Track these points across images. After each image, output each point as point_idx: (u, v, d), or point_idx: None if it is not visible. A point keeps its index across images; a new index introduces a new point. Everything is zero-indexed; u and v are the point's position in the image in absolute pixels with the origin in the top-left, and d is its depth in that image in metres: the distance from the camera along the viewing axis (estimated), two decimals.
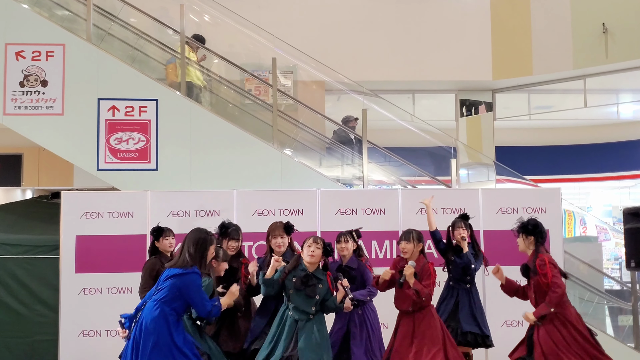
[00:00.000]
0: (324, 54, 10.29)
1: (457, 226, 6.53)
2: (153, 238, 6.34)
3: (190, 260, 4.98)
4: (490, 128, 12.66)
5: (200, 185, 8.06)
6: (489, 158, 10.74)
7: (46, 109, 8.14)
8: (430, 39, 11.95)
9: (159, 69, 9.32)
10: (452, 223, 6.60)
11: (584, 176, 14.79)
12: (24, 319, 7.72)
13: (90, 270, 7.27)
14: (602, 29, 11.51)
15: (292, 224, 6.06)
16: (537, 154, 14.52)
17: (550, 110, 13.47)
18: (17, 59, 8.14)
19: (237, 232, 6.22)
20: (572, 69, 11.87)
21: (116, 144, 8.13)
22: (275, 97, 8.95)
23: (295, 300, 5.34)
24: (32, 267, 7.79)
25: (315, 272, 5.39)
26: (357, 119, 9.78)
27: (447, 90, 12.82)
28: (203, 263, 5.07)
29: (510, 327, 7.46)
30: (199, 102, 8.78)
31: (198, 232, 5.13)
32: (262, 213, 7.36)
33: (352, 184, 9.18)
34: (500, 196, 7.81)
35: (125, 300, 7.24)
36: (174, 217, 7.38)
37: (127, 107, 8.18)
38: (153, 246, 6.33)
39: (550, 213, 7.66)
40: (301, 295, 5.34)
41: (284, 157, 8.45)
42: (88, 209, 7.38)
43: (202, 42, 9.21)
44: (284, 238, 6.00)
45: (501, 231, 7.58)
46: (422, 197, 7.01)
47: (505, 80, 12.29)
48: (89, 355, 7.13)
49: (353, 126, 9.87)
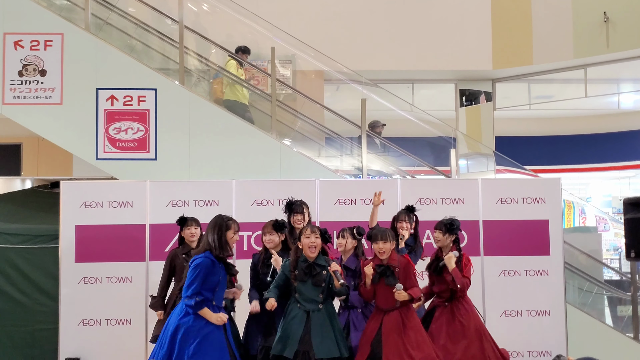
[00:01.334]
0: (323, 43, 10.26)
1: (400, 219, 6.31)
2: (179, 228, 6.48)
3: (207, 245, 5.19)
4: (490, 118, 12.64)
5: (199, 175, 8.06)
6: (488, 148, 10.72)
7: (45, 98, 8.13)
8: (430, 28, 11.90)
9: (157, 58, 9.30)
10: (397, 215, 6.37)
11: (584, 166, 14.79)
12: (24, 308, 7.73)
13: (90, 260, 7.28)
14: (603, 18, 11.47)
15: (282, 222, 6.03)
16: (537, 144, 14.51)
17: (550, 100, 13.45)
18: (16, 49, 8.12)
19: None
20: (572, 59, 11.84)
21: (115, 133, 8.12)
22: (274, 87, 8.92)
23: (302, 291, 5.35)
24: (32, 257, 7.80)
25: (317, 260, 5.39)
26: (385, 125, 9.77)
27: (447, 80, 12.79)
28: (222, 246, 5.21)
29: (508, 317, 7.47)
30: (250, 122, 8.74)
31: (216, 218, 5.33)
32: (261, 203, 7.36)
33: (355, 174, 9.19)
34: (499, 186, 7.80)
35: (125, 289, 7.27)
36: (173, 207, 7.38)
37: (126, 96, 8.16)
38: (180, 236, 6.45)
39: (550, 203, 7.65)
40: (307, 285, 5.34)
41: (283, 147, 8.45)
42: (87, 198, 7.38)
43: (247, 54, 8.91)
44: (272, 235, 5.98)
45: (500, 221, 7.59)
46: (422, 188, 6.99)
47: (506, 69, 12.25)
48: (89, 344, 7.15)
49: (379, 132, 9.81)
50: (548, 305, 7.49)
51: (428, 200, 7.61)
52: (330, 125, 9.88)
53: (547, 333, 7.45)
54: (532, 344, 7.42)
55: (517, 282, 7.50)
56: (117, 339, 7.20)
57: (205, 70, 9.63)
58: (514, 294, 7.45)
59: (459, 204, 7.59)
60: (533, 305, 7.48)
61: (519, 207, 7.63)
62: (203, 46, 9.61)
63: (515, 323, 7.47)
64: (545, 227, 7.61)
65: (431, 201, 7.60)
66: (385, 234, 5.46)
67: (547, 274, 7.54)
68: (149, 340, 6.79)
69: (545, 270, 7.54)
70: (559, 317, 7.47)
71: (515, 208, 7.63)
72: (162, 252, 7.25)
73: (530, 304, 7.48)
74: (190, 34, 9.30)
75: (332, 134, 9.71)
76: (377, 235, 5.45)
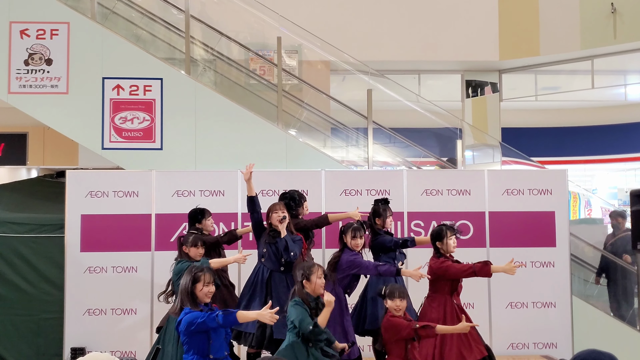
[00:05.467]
0: (330, 33, 10.21)
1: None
2: (190, 220, 6.52)
3: (180, 300, 4.90)
4: (496, 109, 12.59)
5: (204, 165, 8.06)
6: (494, 139, 10.69)
7: (51, 87, 8.11)
8: (436, 19, 11.85)
9: (163, 47, 9.27)
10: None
11: (590, 158, 14.74)
12: (30, 297, 7.75)
13: (95, 249, 7.30)
14: (610, 9, 11.39)
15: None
16: (543, 136, 14.45)
17: (557, 91, 13.39)
18: (22, 37, 8.10)
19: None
20: (579, 50, 11.78)
21: (121, 123, 8.11)
22: (280, 77, 8.89)
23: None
24: (38, 246, 7.81)
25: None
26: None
27: (453, 71, 12.73)
28: (194, 301, 4.83)
29: (514, 309, 7.47)
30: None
31: (188, 269, 4.95)
32: (267, 193, 7.36)
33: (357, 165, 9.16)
34: (506, 177, 7.78)
35: (130, 279, 7.29)
36: (178, 197, 7.39)
37: (132, 86, 8.14)
38: (193, 226, 6.47)
39: (557, 194, 7.63)
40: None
41: (289, 137, 8.43)
42: (93, 188, 7.39)
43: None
44: (284, 211, 6.09)
45: (506, 212, 7.57)
46: (428, 179, 6.96)
47: (512, 60, 12.20)
48: (94, 333, 7.18)
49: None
50: (554, 297, 7.48)
51: (434, 191, 7.59)
52: (336, 115, 9.85)
53: (552, 325, 7.45)
54: (538, 336, 7.43)
55: (523, 273, 7.46)
56: (122, 329, 7.23)
57: (211, 60, 9.59)
58: (519, 285, 7.43)
59: (465, 195, 7.58)
60: (539, 297, 7.48)
61: (525, 198, 7.61)
62: (209, 35, 9.57)
63: (520, 315, 7.46)
64: (551, 218, 7.59)
65: (437, 192, 7.59)
66: (403, 292, 5.29)
67: (553, 265, 7.53)
68: (155, 331, 6.79)
69: (551, 262, 7.53)
70: (565, 308, 7.47)
71: (521, 199, 7.61)
72: (168, 242, 7.26)
73: (536, 295, 7.48)
74: (196, 23, 9.27)
75: (338, 124, 9.69)
76: (395, 293, 5.22)
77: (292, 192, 6.50)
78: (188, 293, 4.71)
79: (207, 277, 4.77)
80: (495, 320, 7.41)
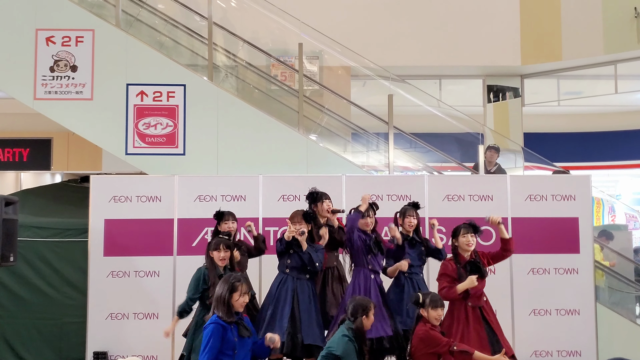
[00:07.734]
0: (350, 38, 10.21)
1: (408, 214, 6.32)
2: (216, 222, 6.46)
3: (214, 307, 4.95)
4: (518, 114, 12.50)
5: (226, 170, 8.09)
6: (517, 144, 10.61)
7: (76, 93, 8.21)
8: (457, 23, 11.80)
9: (186, 54, 9.35)
10: (404, 210, 6.38)
11: (614, 163, 14.57)
12: (53, 301, 7.83)
13: (118, 254, 7.35)
14: (634, 14, 11.28)
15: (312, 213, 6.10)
16: (566, 141, 14.32)
17: (580, 96, 13.26)
18: (48, 45, 8.21)
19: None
20: (602, 54, 11.66)
21: (144, 128, 8.18)
22: (301, 83, 8.92)
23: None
24: (61, 250, 7.90)
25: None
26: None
27: (475, 76, 12.66)
28: (229, 310, 4.87)
29: (537, 316, 7.40)
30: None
31: (225, 278, 4.97)
32: (288, 198, 7.38)
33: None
34: (529, 183, 7.72)
35: (153, 283, 7.34)
36: (200, 202, 7.43)
37: (155, 92, 8.21)
38: (216, 230, 6.43)
39: (580, 200, 7.56)
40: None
41: (310, 142, 8.44)
42: (116, 193, 7.46)
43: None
44: (302, 225, 5.98)
45: (529, 218, 7.51)
46: (450, 184, 6.90)
47: (534, 65, 12.10)
48: (116, 337, 7.23)
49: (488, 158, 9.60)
50: (578, 304, 7.41)
51: (455, 196, 7.56)
52: (356, 120, 9.85)
53: (576, 332, 7.36)
54: (562, 344, 7.35)
55: (547, 280, 7.42)
56: (144, 333, 7.27)
57: (233, 66, 9.65)
58: (543, 292, 7.38)
59: (487, 201, 7.54)
60: (562, 304, 7.41)
61: (548, 204, 7.55)
62: (231, 42, 9.63)
63: (544, 322, 7.39)
64: (575, 224, 7.52)
65: (459, 198, 7.55)
66: (442, 302, 5.47)
67: (576, 272, 7.45)
68: (182, 334, 6.75)
69: (575, 269, 7.45)
70: (589, 316, 7.39)
71: (544, 205, 7.55)
72: (190, 247, 7.30)
73: (559, 302, 7.40)
74: (218, 30, 9.34)
75: (358, 129, 9.68)
76: (438, 302, 5.40)
77: (310, 190, 6.44)
78: (225, 302, 4.71)
79: (244, 287, 4.78)
80: (518, 328, 7.35)
